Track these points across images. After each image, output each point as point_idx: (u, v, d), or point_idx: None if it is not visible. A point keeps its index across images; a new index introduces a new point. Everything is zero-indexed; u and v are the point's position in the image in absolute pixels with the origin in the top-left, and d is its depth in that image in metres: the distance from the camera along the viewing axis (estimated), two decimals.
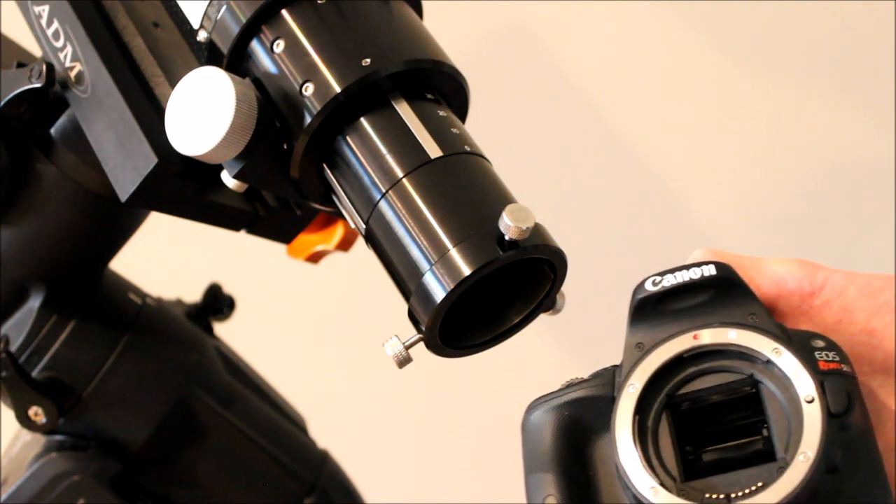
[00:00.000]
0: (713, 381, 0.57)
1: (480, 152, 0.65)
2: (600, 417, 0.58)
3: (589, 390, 0.59)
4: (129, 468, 0.81)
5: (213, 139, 0.64)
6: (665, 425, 0.56)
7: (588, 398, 0.58)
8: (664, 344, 0.57)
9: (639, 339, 0.58)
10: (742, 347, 0.56)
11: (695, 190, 1.32)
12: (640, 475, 0.55)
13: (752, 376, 0.56)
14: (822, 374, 0.55)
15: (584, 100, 1.32)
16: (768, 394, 0.56)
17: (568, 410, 0.58)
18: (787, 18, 1.26)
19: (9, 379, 0.78)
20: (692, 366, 0.57)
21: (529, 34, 1.33)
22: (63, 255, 0.79)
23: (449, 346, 0.63)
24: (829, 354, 0.56)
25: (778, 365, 0.55)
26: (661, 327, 0.58)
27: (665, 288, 0.58)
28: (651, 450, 0.56)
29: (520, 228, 0.59)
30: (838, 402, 0.54)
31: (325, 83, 0.64)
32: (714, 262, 0.58)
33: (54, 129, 0.77)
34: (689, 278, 0.58)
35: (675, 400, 0.57)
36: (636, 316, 0.59)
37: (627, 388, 0.57)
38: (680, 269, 0.58)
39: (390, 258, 0.63)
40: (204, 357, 0.84)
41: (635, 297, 0.59)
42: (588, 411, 0.58)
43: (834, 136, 1.28)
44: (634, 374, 0.57)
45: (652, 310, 0.58)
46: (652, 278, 0.59)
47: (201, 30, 0.68)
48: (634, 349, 0.58)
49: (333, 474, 0.88)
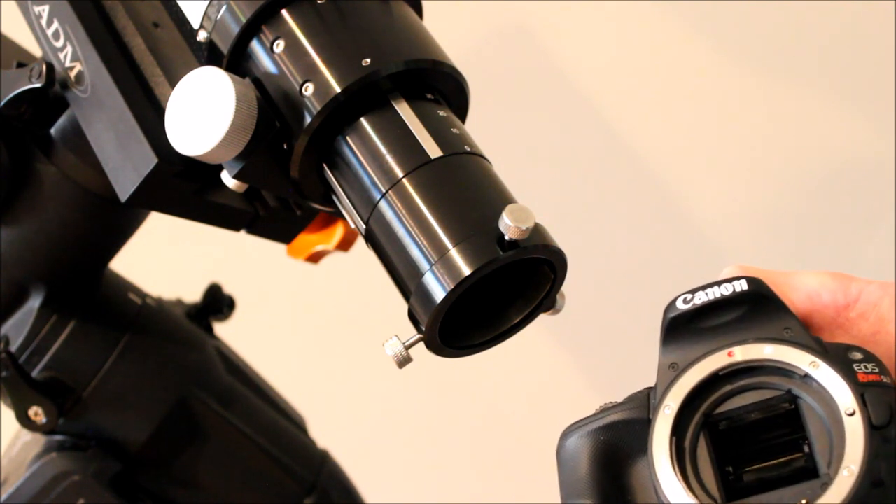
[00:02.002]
0: (751, 398, 0.55)
1: (480, 152, 0.65)
2: (637, 441, 0.57)
3: (624, 413, 0.57)
4: (129, 468, 0.81)
5: (213, 139, 0.64)
6: (703, 446, 0.55)
7: (623, 422, 0.57)
8: (699, 363, 0.56)
9: (672, 360, 0.57)
10: (778, 363, 0.55)
11: (695, 190, 1.32)
12: (681, 498, 0.54)
13: (791, 391, 0.55)
14: (861, 385, 0.54)
15: (585, 100, 1.32)
16: (808, 409, 0.54)
17: (603, 435, 0.57)
18: (787, 19, 1.26)
19: (9, 379, 0.78)
20: (728, 384, 0.56)
21: (529, 34, 1.33)
22: (63, 255, 0.79)
23: (449, 346, 0.63)
24: (868, 366, 0.54)
25: (816, 379, 0.54)
26: (694, 346, 0.57)
27: (697, 305, 0.57)
28: (690, 471, 0.55)
29: (520, 228, 0.59)
30: (880, 414, 0.53)
31: (325, 83, 0.64)
32: (746, 277, 0.57)
33: (54, 129, 0.77)
34: (721, 294, 0.57)
35: (712, 419, 0.56)
36: (669, 335, 0.57)
37: (663, 410, 0.56)
38: (711, 286, 0.57)
39: (390, 258, 0.63)
40: (204, 357, 0.84)
41: (667, 316, 0.58)
42: (624, 435, 0.57)
43: (834, 137, 1.28)
44: (669, 394, 0.56)
45: (684, 328, 0.57)
46: (683, 296, 0.58)
47: (201, 30, 0.68)
48: (668, 369, 0.57)
49: (333, 474, 0.88)
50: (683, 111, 1.31)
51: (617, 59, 1.32)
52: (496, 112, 1.24)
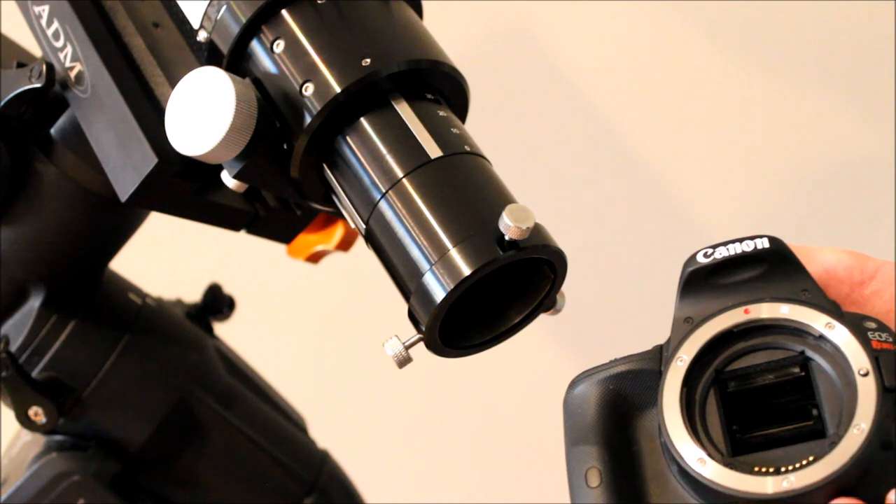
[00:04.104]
0: (763, 357, 0.56)
1: (480, 152, 0.65)
2: (646, 392, 0.57)
3: (634, 364, 0.57)
4: (130, 468, 0.81)
5: (213, 139, 0.64)
6: (713, 402, 0.55)
7: (633, 371, 0.57)
8: (714, 318, 0.56)
9: (688, 314, 0.57)
10: (795, 322, 0.55)
11: (695, 190, 1.32)
12: (688, 446, 0.54)
13: (804, 353, 0.55)
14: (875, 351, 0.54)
15: (585, 100, 1.32)
16: (819, 371, 0.54)
17: (613, 384, 0.57)
18: (787, 18, 1.26)
19: (9, 379, 0.78)
20: (742, 341, 0.56)
21: (529, 34, 1.33)
22: (63, 255, 0.79)
23: (449, 346, 0.63)
24: (883, 335, 0.55)
25: (831, 340, 0.54)
26: (711, 301, 0.57)
27: (717, 260, 0.57)
28: (699, 423, 0.55)
29: (520, 228, 0.59)
30: (894, 376, 0.53)
31: (325, 83, 0.64)
32: (767, 236, 0.57)
33: (54, 129, 0.77)
34: (741, 251, 0.57)
35: (723, 376, 0.56)
36: (686, 289, 0.57)
37: (675, 362, 0.56)
38: (733, 242, 0.57)
39: (390, 258, 0.63)
40: (204, 357, 0.84)
41: (686, 270, 0.58)
42: (633, 385, 0.57)
43: (834, 136, 1.28)
44: (683, 347, 0.56)
45: (703, 283, 0.57)
46: (704, 250, 0.58)
47: (201, 30, 0.68)
48: (683, 323, 0.57)
49: (333, 474, 0.88)
50: (683, 111, 1.31)
51: (617, 58, 1.32)
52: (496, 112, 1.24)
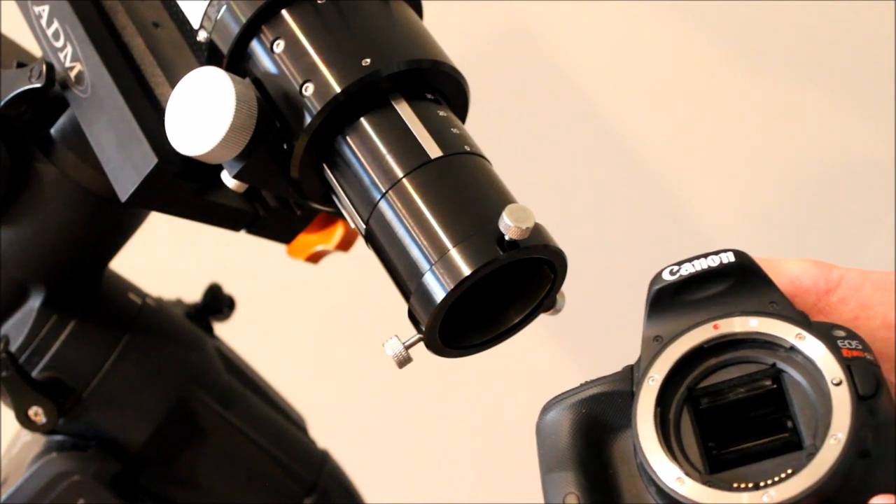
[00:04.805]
0: (735, 372, 0.55)
1: (480, 152, 0.65)
2: (619, 414, 0.56)
3: (606, 386, 0.57)
4: (130, 468, 0.81)
5: (213, 139, 0.64)
6: (687, 420, 0.55)
7: (605, 394, 0.57)
8: (684, 335, 0.56)
9: (657, 332, 0.57)
10: (765, 335, 0.55)
11: (695, 190, 1.32)
12: (665, 466, 0.53)
13: (775, 365, 0.55)
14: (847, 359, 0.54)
15: (584, 100, 1.32)
16: (792, 382, 0.54)
17: (585, 408, 0.57)
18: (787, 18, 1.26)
19: (9, 379, 0.78)
20: (713, 357, 0.56)
21: (530, 34, 1.33)
22: (63, 255, 0.79)
23: (449, 346, 0.63)
24: (852, 343, 0.55)
25: (802, 351, 0.54)
26: (679, 318, 0.57)
27: (683, 277, 0.57)
28: (674, 442, 0.54)
29: (520, 228, 0.59)
30: (867, 384, 0.53)
31: (324, 83, 0.64)
32: (732, 250, 0.57)
33: (54, 129, 0.77)
34: (707, 266, 0.57)
35: (696, 393, 0.55)
36: (654, 308, 0.57)
37: (647, 382, 0.55)
38: (698, 258, 0.57)
39: (390, 258, 0.63)
40: (204, 357, 0.84)
41: (652, 288, 0.57)
42: (606, 408, 0.57)
43: (834, 136, 1.28)
44: (654, 366, 0.56)
45: (670, 301, 0.57)
46: (669, 268, 0.58)
47: (201, 30, 0.68)
48: (653, 342, 0.57)
49: (333, 474, 0.88)
50: (683, 111, 1.31)
51: (617, 58, 1.32)
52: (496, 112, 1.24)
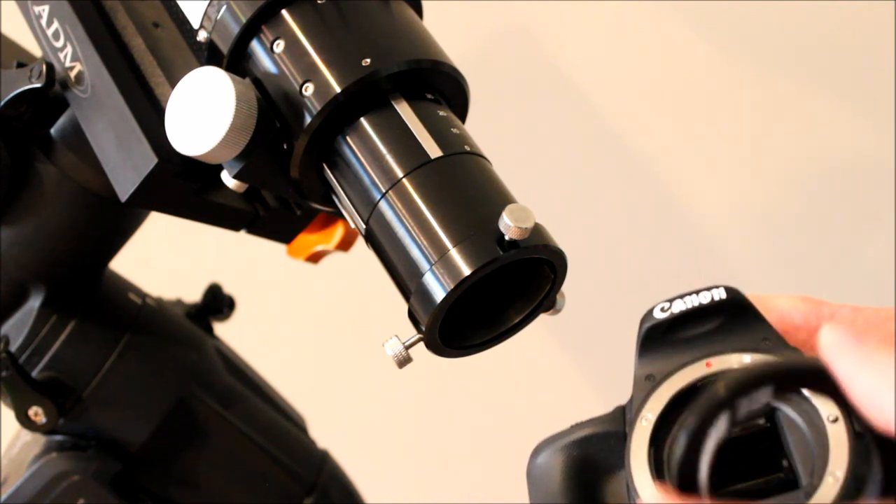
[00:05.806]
0: None
1: (480, 152, 0.65)
2: (612, 455, 0.56)
3: (597, 427, 0.56)
4: (130, 468, 0.81)
5: (213, 139, 0.64)
6: None
7: (597, 436, 0.56)
8: (677, 373, 0.55)
9: (649, 371, 0.56)
10: None
11: (695, 190, 1.32)
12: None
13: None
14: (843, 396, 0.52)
15: (585, 100, 1.32)
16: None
17: (576, 450, 0.56)
18: (787, 18, 1.26)
19: (9, 379, 0.78)
20: None
21: (530, 34, 1.33)
22: (63, 255, 0.79)
23: (449, 346, 0.63)
24: None
25: None
26: (671, 356, 0.56)
27: (674, 315, 0.56)
28: None
29: (520, 228, 0.59)
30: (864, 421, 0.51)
31: (324, 83, 0.64)
32: (724, 286, 0.56)
33: (54, 129, 0.77)
34: (698, 303, 0.56)
35: None
36: (645, 346, 0.56)
37: (640, 422, 0.54)
38: (689, 295, 0.57)
39: (390, 258, 0.63)
40: (204, 357, 0.84)
41: (643, 327, 0.57)
42: (598, 450, 0.56)
43: (834, 136, 1.28)
44: (647, 405, 0.55)
45: (661, 338, 0.56)
46: (660, 305, 0.57)
47: (201, 30, 0.68)
48: (645, 381, 0.56)
49: (333, 474, 0.88)
50: (683, 111, 1.31)
51: (617, 59, 1.32)
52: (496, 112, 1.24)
